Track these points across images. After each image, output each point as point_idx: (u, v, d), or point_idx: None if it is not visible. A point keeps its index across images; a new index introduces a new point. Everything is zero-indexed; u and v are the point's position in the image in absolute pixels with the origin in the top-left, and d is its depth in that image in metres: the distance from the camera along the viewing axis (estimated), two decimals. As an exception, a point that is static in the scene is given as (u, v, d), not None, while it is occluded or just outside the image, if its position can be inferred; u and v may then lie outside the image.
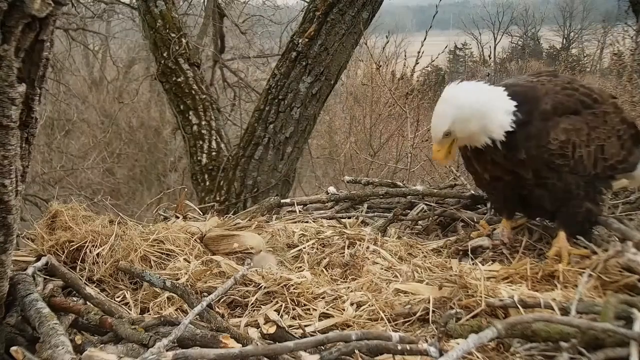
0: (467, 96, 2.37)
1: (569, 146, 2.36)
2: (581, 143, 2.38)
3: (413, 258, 2.55)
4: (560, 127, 2.36)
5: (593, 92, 2.48)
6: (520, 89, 2.43)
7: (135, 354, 1.68)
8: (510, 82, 2.55)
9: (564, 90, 2.43)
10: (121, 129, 14.37)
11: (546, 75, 2.58)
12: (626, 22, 9.88)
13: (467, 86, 2.44)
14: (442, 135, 2.39)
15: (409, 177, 6.66)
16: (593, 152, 2.40)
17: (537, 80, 2.50)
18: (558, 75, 2.59)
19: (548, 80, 2.49)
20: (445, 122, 2.36)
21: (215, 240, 2.61)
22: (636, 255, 2.11)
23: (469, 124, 2.36)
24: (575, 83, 2.51)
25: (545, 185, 2.44)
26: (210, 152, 5.71)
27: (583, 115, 2.40)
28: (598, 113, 2.43)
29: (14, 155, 1.63)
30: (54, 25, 1.61)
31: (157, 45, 5.87)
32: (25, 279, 2.04)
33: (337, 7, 4.97)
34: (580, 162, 2.38)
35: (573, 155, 2.37)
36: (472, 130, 2.37)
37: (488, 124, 2.35)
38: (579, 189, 2.43)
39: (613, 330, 1.59)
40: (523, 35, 34.66)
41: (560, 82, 2.49)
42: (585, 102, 2.42)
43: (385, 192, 3.37)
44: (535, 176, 2.42)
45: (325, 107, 7.88)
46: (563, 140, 2.36)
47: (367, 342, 1.58)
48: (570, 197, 2.44)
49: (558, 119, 2.37)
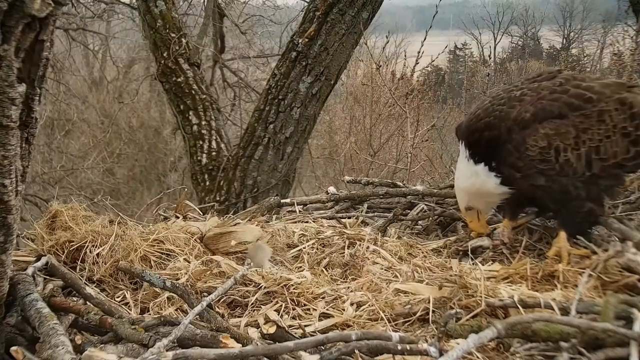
0: (464, 183, 2.64)
1: (550, 151, 2.35)
2: (567, 147, 2.35)
3: (413, 258, 2.55)
4: (540, 132, 2.36)
5: (590, 90, 2.41)
6: (492, 120, 2.49)
7: (135, 354, 1.68)
8: (480, 115, 2.56)
9: (551, 95, 2.42)
10: (121, 129, 14.37)
11: (541, 79, 2.55)
12: (626, 22, 9.89)
13: (461, 172, 2.65)
14: (465, 210, 2.70)
15: (409, 177, 6.66)
16: (584, 154, 2.36)
17: (520, 92, 2.49)
18: (557, 75, 2.54)
19: (536, 87, 2.48)
20: (462, 202, 2.70)
21: (214, 239, 2.61)
22: (636, 255, 2.10)
23: (479, 201, 2.66)
24: (569, 84, 2.45)
25: (543, 187, 2.44)
26: (210, 152, 5.71)
27: (569, 119, 2.37)
28: (590, 113, 2.37)
29: (14, 155, 1.63)
30: (54, 25, 1.61)
31: (157, 45, 5.87)
32: (25, 279, 2.04)
33: (337, 7, 4.97)
34: (567, 165, 2.36)
35: (557, 159, 2.36)
36: (484, 204, 2.68)
37: (489, 198, 2.64)
38: (578, 190, 2.41)
39: (613, 330, 1.59)
40: (523, 35, 34.65)
41: (550, 86, 2.46)
42: (574, 104, 2.38)
43: (385, 192, 3.37)
44: (528, 180, 2.44)
45: (325, 107, 7.88)
46: (543, 146, 2.35)
47: (367, 342, 1.58)
48: (570, 197, 2.43)
49: (537, 125, 2.37)
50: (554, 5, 33.88)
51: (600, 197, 2.47)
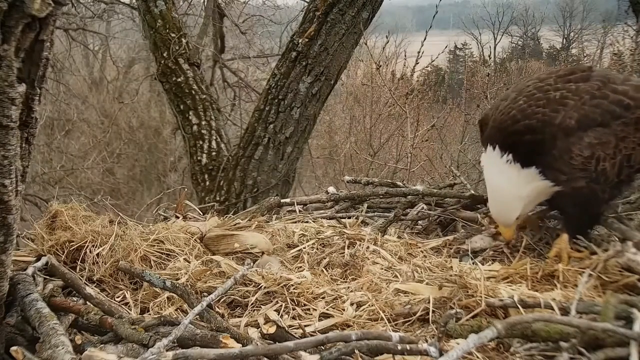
0: (521, 190, 2.43)
1: (592, 161, 2.31)
2: (606, 157, 2.31)
3: (413, 258, 2.55)
4: (585, 142, 2.30)
5: (626, 96, 2.34)
6: (535, 123, 2.37)
7: (135, 354, 1.68)
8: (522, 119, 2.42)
9: (591, 100, 2.34)
10: (121, 129, 14.37)
11: (576, 79, 2.43)
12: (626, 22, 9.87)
13: (507, 178, 2.45)
14: (514, 221, 2.51)
15: (409, 177, 6.67)
16: (618, 162, 2.34)
17: (560, 95, 2.38)
18: (590, 76, 2.42)
19: (575, 89, 2.37)
20: (516, 211, 2.47)
21: (215, 240, 2.61)
22: (636, 255, 2.11)
23: (530, 206, 2.52)
24: (608, 87, 2.37)
25: (580, 189, 2.38)
26: (210, 152, 5.71)
27: (611, 127, 2.32)
28: (629, 121, 2.32)
29: (14, 155, 1.63)
30: (54, 25, 1.61)
31: (157, 45, 5.87)
32: (25, 279, 2.04)
33: (337, 7, 4.97)
34: (602, 173, 2.33)
35: (596, 167, 2.32)
36: (530, 208, 2.55)
37: (537, 201, 2.52)
38: (605, 194, 2.40)
39: (613, 330, 1.59)
40: (523, 35, 34.65)
41: (589, 89, 2.36)
42: (615, 112, 2.32)
43: (385, 192, 3.37)
44: (571, 183, 2.38)
45: (325, 107, 7.88)
46: (587, 156, 2.30)
47: (367, 342, 1.58)
48: (595, 202, 2.40)
49: (582, 134, 2.31)
50: (554, 5, 33.90)
51: (615, 198, 2.47)
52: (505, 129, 2.43)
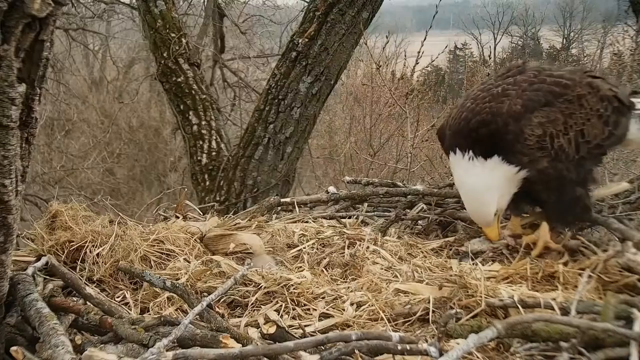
0: (489, 182, 2.48)
1: (546, 138, 2.41)
2: (558, 133, 2.41)
3: (413, 258, 2.55)
4: (534, 122, 2.41)
5: (562, 78, 2.48)
6: (485, 116, 2.46)
7: (135, 354, 1.67)
8: (472, 117, 2.51)
9: (531, 86, 2.46)
10: (121, 129, 14.37)
11: (513, 73, 2.58)
12: (626, 22, 9.89)
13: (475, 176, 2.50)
14: (493, 218, 2.52)
15: (409, 177, 6.66)
16: (573, 138, 2.44)
17: (501, 89, 2.49)
18: (525, 69, 2.57)
19: (513, 81, 2.51)
20: (491, 205, 2.50)
21: (215, 240, 2.61)
22: (636, 255, 2.11)
23: (503, 198, 2.52)
24: (543, 73, 2.51)
25: (543, 171, 2.46)
26: (210, 152, 5.71)
27: (556, 105, 2.43)
28: (571, 98, 2.45)
29: (14, 155, 1.63)
30: (54, 25, 1.61)
31: (157, 45, 5.87)
32: (25, 279, 2.03)
33: (337, 7, 4.97)
34: (561, 150, 2.42)
35: (552, 145, 2.41)
36: (505, 199, 2.53)
37: (510, 189, 2.52)
38: (570, 173, 2.47)
39: (613, 330, 1.59)
40: (523, 35, 34.62)
41: (527, 78, 2.50)
42: (556, 92, 2.44)
43: (385, 192, 3.37)
44: (535, 164, 2.45)
45: (325, 107, 7.88)
46: (539, 135, 2.40)
47: (367, 342, 1.57)
48: (564, 182, 2.48)
49: (530, 115, 2.41)
50: (554, 5, 33.86)
51: (586, 180, 2.53)
52: (461, 131, 2.53)
